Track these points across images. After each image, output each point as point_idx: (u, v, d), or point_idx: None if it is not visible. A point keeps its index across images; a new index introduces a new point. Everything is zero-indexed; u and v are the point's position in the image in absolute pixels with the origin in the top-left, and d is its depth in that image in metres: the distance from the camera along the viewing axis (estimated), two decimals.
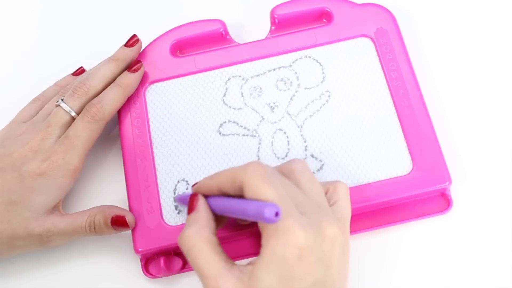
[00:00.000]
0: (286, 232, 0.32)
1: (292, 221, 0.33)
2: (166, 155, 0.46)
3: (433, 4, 0.52)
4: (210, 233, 0.35)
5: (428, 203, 0.44)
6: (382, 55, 0.47)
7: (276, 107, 0.47)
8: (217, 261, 0.34)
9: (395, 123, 0.45)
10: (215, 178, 0.37)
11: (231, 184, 0.35)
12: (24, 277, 0.46)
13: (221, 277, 0.34)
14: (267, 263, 0.33)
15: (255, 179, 0.34)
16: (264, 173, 0.34)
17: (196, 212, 0.37)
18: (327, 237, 0.34)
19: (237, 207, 0.34)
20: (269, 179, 0.34)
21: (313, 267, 0.33)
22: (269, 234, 0.33)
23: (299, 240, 0.32)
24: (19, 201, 0.42)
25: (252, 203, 0.33)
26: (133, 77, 0.46)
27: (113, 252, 0.46)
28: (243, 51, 0.48)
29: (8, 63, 0.54)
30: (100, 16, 0.55)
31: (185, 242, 0.35)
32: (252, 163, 0.35)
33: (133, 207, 0.44)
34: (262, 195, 0.33)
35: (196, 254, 0.34)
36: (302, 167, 0.37)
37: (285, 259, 0.32)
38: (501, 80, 0.49)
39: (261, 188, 0.33)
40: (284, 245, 0.32)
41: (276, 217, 0.31)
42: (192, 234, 0.35)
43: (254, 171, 0.34)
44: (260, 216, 0.32)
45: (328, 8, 0.49)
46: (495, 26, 0.51)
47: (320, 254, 0.33)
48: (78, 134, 0.43)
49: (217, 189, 0.37)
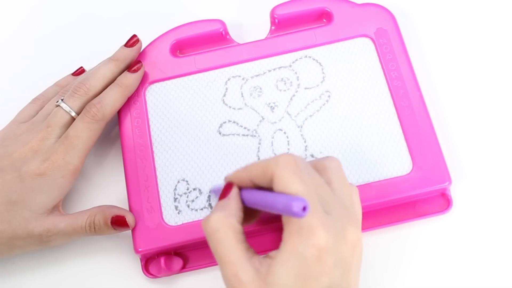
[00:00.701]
0: (309, 231, 0.32)
1: (317, 220, 0.32)
2: (166, 155, 0.46)
3: (433, 4, 0.52)
4: (236, 222, 0.35)
5: (428, 203, 0.44)
6: (382, 55, 0.47)
7: (276, 107, 0.47)
8: (238, 249, 0.34)
9: (395, 123, 0.45)
10: (247, 169, 0.36)
11: (262, 176, 0.35)
12: (24, 277, 0.46)
13: (240, 265, 0.33)
14: (286, 259, 0.33)
15: (286, 172, 0.33)
16: (295, 167, 0.34)
17: (227, 199, 0.36)
18: (348, 240, 0.34)
19: (265, 199, 0.34)
20: (299, 173, 0.33)
21: (331, 269, 0.33)
22: (292, 230, 0.33)
23: (320, 241, 0.32)
24: (19, 201, 0.42)
25: (280, 196, 0.33)
26: (133, 77, 0.46)
27: (113, 252, 0.46)
28: (243, 51, 0.48)
29: (8, 63, 0.54)
30: (100, 16, 0.55)
31: (210, 225, 0.34)
32: (284, 155, 0.34)
33: (133, 207, 0.44)
34: (291, 188, 0.33)
35: (218, 238, 0.34)
36: (336, 166, 0.37)
37: (305, 258, 0.32)
38: (501, 80, 0.49)
39: (291, 181, 0.33)
40: (306, 244, 0.32)
41: (303, 211, 0.31)
42: (218, 219, 0.35)
43: (285, 164, 0.34)
44: (287, 209, 0.31)
45: (328, 8, 0.49)
46: (495, 26, 0.51)
47: (339, 257, 0.33)
48: (78, 134, 0.43)
49: (249, 180, 0.36)
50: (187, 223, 0.43)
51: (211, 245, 0.35)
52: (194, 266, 0.44)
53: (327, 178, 0.36)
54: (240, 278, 0.33)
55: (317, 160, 0.37)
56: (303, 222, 0.32)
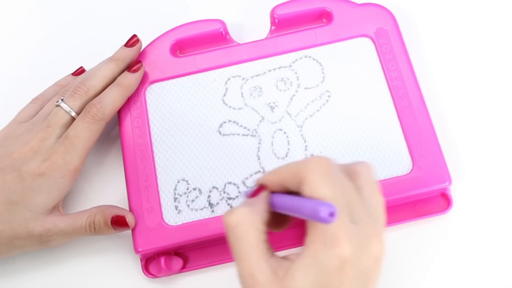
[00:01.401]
0: (334, 241, 0.31)
1: (342, 230, 0.32)
2: (166, 155, 0.46)
3: (433, 4, 0.52)
4: (260, 221, 0.34)
5: (428, 203, 0.44)
6: (382, 55, 0.47)
7: (276, 107, 0.47)
8: (258, 248, 0.33)
9: (395, 123, 0.45)
10: (277, 172, 0.35)
11: (291, 179, 0.34)
12: (24, 277, 0.46)
13: (258, 265, 0.32)
14: (306, 266, 0.32)
15: (315, 176, 0.33)
16: (326, 171, 0.33)
17: (256, 198, 0.35)
18: (372, 253, 0.33)
19: (292, 203, 0.33)
20: (329, 178, 0.33)
21: (351, 280, 0.32)
22: (316, 237, 0.32)
23: (344, 252, 0.31)
24: (19, 201, 0.42)
25: (308, 200, 0.32)
26: (133, 77, 0.46)
27: (113, 252, 0.46)
28: (243, 51, 0.48)
29: (8, 63, 0.54)
30: (100, 16, 0.55)
31: (233, 219, 0.33)
32: (316, 158, 0.33)
33: (133, 207, 0.44)
34: (319, 193, 0.32)
35: (238, 234, 0.33)
36: (368, 172, 0.35)
37: (326, 267, 0.31)
38: (501, 80, 0.49)
39: (320, 186, 0.32)
40: (328, 253, 0.31)
41: (330, 217, 0.30)
42: (242, 214, 0.33)
43: (315, 167, 0.33)
44: (314, 214, 0.31)
45: (328, 8, 0.49)
46: (495, 26, 0.51)
47: (361, 269, 0.32)
48: (78, 134, 0.43)
49: (278, 183, 0.35)
50: (187, 223, 0.43)
51: (230, 239, 0.34)
52: (194, 266, 0.44)
53: (357, 184, 0.34)
54: (256, 278, 0.32)
55: (349, 164, 0.36)
56: (328, 230, 0.32)
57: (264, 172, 0.44)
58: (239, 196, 0.44)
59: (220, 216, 0.43)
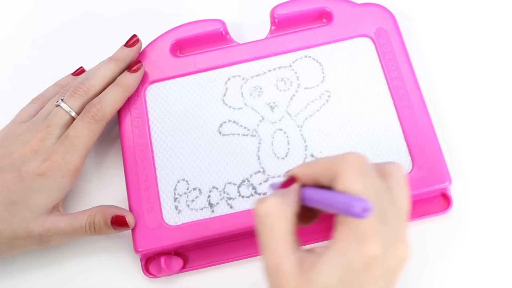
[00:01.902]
0: (363, 238, 0.31)
1: (372, 228, 0.32)
2: (166, 155, 0.46)
3: (433, 4, 0.52)
4: (291, 212, 0.34)
5: (428, 203, 0.44)
6: (382, 55, 0.47)
7: (276, 107, 0.47)
8: (286, 239, 0.33)
9: (395, 123, 0.45)
10: (310, 165, 0.35)
11: (325, 173, 0.34)
12: (24, 277, 0.46)
13: (284, 256, 0.32)
14: (333, 260, 0.32)
15: (350, 172, 0.33)
16: (361, 167, 0.33)
17: (287, 190, 0.35)
18: (398, 255, 0.33)
19: (325, 197, 0.33)
20: (363, 175, 0.33)
21: (376, 279, 0.32)
22: (344, 233, 0.32)
23: (372, 251, 0.31)
24: (19, 201, 0.42)
25: (341, 195, 0.32)
26: (133, 77, 0.46)
27: (113, 252, 0.46)
28: (243, 51, 0.48)
29: (8, 63, 0.54)
30: (100, 16, 0.55)
31: (263, 208, 0.33)
32: (351, 154, 0.34)
33: (133, 207, 0.44)
34: (353, 189, 0.32)
35: (269, 223, 0.33)
36: (399, 174, 0.35)
37: (352, 263, 0.32)
38: (501, 79, 0.49)
39: (354, 182, 0.32)
40: (356, 250, 0.32)
41: (364, 213, 0.30)
42: (274, 203, 0.33)
43: (350, 163, 0.33)
44: (347, 209, 0.31)
45: (328, 8, 0.49)
46: (495, 26, 0.51)
47: (387, 269, 0.33)
48: (78, 134, 0.43)
49: (311, 177, 0.35)
50: (187, 223, 0.43)
51: (259, 228, 0.34)
52: (194, 266, 0.44)
53: (388, 184, 0.35)
54: (281, 269, 0.32)
55: (381, 163, 0.36)
56: (358, 226, 0.32)
57: (264, 172, 0.44)
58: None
59: (220, 216, 0.43)
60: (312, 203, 0.35)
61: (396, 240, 0.33)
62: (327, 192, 0.33)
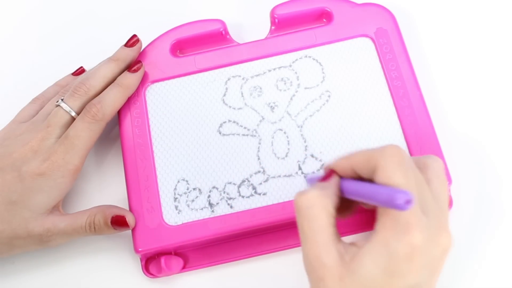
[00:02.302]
0: (406, 228, 0.32)
1: (415, 218, 0.32)
2: (166, 155, 0.46)
3: (433, 4, 0.52)
4: (331, 205, 0.34)
5: None
6: (382, 55, 0.47)
7: (276, 107, 0.47)
8: (327, 231, 0.33)
9: (395, 123, 0.45)
10: (349, 158, 0.36)
11: (365, 165, 0.34)
12: (24, 277, 0.46)
13: (326, 248, 0.33)
14: (376, 251, 0.32)
15: (390, 164, 0.33)
16: (401, 160, 0.33)
17: (327, 183, 0.36)
18: (441, 244, 0.33)
19: (367, 189, 0.33)
20: (404, 167, 0.33)
21: (419, 269, 0.32)
22: (387, 224, 0.32)
23: (415, 240, 0.32)
24: (19, 201, 0.42)
25: (383, 187, 0.32)
26: (133, 77, 0.46)
27: (113, 252, 0.46)
28: (243, 51, 0.48)
29: (8, 63, 0.54)
30: (100, 16, 0.55)
31: (304, 200, 0.34)
32: (391, 146, 0.34)
33: (133, 207, 0.44)
34: (394, 181, 0.32)
35: (309, 215, 0.33)
36: (438, 167, 0.36)
37: (396, 253, 0.32)
38: (501, 79, 0.49)
39: (395, 174, 0.32)
40: (399, 240, 0.32)
41: (406, 205, 0.31)
42: (315, 196, 0.34)
43: (391, 156, 0.33)
44: (390, 201, 0.31)
45: (328, 8, 0.49)
46: (495, 25, 0.51)
47: (429, 259, 0.33)
48: (78, 134, 0.43)
49: (350, 169, 0.35)
50: (187, 223, 0.43)
51: (300, 221, 0.34)
52: (194, 266, 0.44)
53: (427, 176, 0.35)
54: (322, 261, 0.32)
55: (419, 157, 0.37)
56: (401, 217, 0.32)
57: (264, 172, 0.44)
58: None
59: (220, 216, 0.43)
60: (352, 195, 0.35)
61: (439, 230, 0.33)
62: (368, 185, 0.34)
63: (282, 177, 0.44)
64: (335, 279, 0.32)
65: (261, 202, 0.43)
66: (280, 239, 0.44)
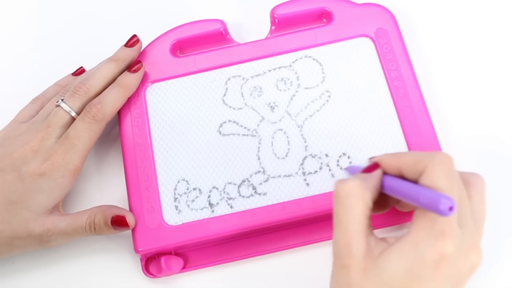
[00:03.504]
0: (440, 234, 0.32)
1: (450, 228, 0.32)
2: (166, 155, 0.46)
3: (433, 4, 0.52)
4: (370, 197, 0.34)
5: None
6: (382, 55, 0.47)
7: (276, 107, 0.47)
8: (361, 222, 0.33)
9: (395, 123, 0.45)
10: (397, 156, 0.36)
11: (412, 166, 0.35)
12: (24, 277, 0.46)
13: (357, 238, 0.33)
14: (405, 250, 0.32)
15: (439, 170, 0.33)
16: (450, 169, 0.34)
17: (369, 175, 0.36)
18: (469, 260, 0.34)
19: (411, 189, 0.34)
20: (451, 176, 0.33)
21: (443, 279, 0.32)
22: (421, 226, 0.33)
23: (445, 249, 0.32)
24: (19, 201, 0.42)
25: (428, 190, 0.33)
26: (134, 77, 0.46)
27: (113, 252, 0.46)
28: (243, 51, 0.48)
29: (8, 63, 0.54)
30: (100, 16, 0.55)
31: (345, 188, 0.34)
32: (442, 154, 0.34)
33: (133, 207, 0.44)
34: (440, 186, 0.32)
35: (347, 204, 0.34)
36: (480, 185, 0.36)
37: (424, 257, 0.32)
38: (501, 79, 0.49)
39: (441, 180, 0.33)
40: (430, 244, 0.32)
41: (449, 211, 0.31)
42: (356, 186, 0.34)
43: (441, 162, 0.34)
44: (433, 204, 0.31)
45: (328, 8, 0.49)
46: (495, 25, 0.51)
47: (455, 272, 0.33)
48: (78, 134, 0.43)
49: (396, 167, 0.36)
50: (187, 223, 0.43)
51: (336, 207, 0.34)
52: (194, 266, 0.44)
53: (469, 193, 0.35)
54: (351, 250, 0.33)
55: (464, 172, 0.37)
56: (437, 223, 0.32)
57: (264, 172, 0.44)
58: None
59: (220, 216, 0.43)
60: (394, 192, 0.35)
61: (471, 246, 0.34)
62: (413, 185, 0.34)
63: (282, 177, 0.44)
64: (359, 270, 0.33)
65: (261, 202, 0.44)
66: (280, 239, 0.44)
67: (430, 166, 0.33)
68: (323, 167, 0.44)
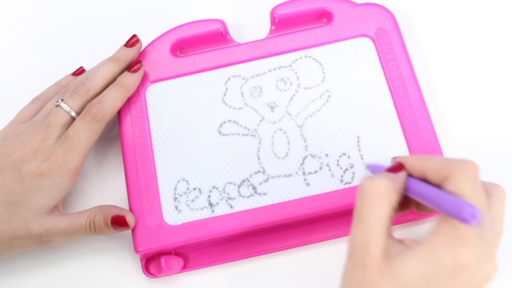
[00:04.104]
0: (459, 242, 0.32)
1: (470, 237, 0.32)
2: (166, 155, 0.46)
3: (433, 4, 0.52)
4: (395, 198, 0.34)
5: None
6: (382, 55, 0.47)
7: (276, 107, 0.47)
8: (383, 222, 0.33)
9: (395, 123, 0.45)
10: (423, 159, 0.36)
11: (437, 171, 0.34)
12: (24, 277, 0.46)
13: (376, 237, 0.33)
14: (422, 255, 0.32)
15: (464, 177, 0.33)
16: (475, 177, 0.33)
17: (396, 175, 0.36)
18: (485, 271, 0.33)
19: (436, 194, 0.33)
20: (475, 185, 0.33)
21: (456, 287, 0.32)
22: (441, 232, 0.33)
23: (463, 257, 0.32)
24: (19, 201, 0.42)
25: (452, 196, 0.32)
26: (133, 77, 0.46)
27: (113, 252, 0.46)
28: (243, 51, 0.48)
29: (8, 63, 0.54)
30: (100, 16, 0.55)
31: (372, 186, 0.34)
32: (469, 161, 0.34)
33: (133, 207, 0.44)
34: (464, 193, 0.32)
35: (372, 202, 0.34)
36: (502, 197, 0.36)
37: (440, 263, 0.32)
38: (501, 79, 0.49)
39: (466, 188, 0.33)
40: (448, 251, 0.32)
41: (472, 219, 0.31)
42: (384, 186, 0.34)
43: (467, 170, 0.34)
44: (456, 211, 0.31)
45: (328, 8, 0.49)
46: (495, 25, 0.51)
47: (470, 282, 0.33)
48: (78, 134, 0.43)
49: (420, 170, 0.36)
50: (187, 223, 0.43)
51: (360, 203, 0.34)
52: (194, 266, 0.44)
53: (489, 203, 0.35)
54: (369, 248, 0.33)
55: (485, 182, 0.36)
56: (458, 231, 0.32)
57: (264, 172, 0.44)
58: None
59: (220, 216, 0.43)
60: (418, 195, 0.35)
61: (487, 258, 0.33)
62: (437, 190, 0.34)
63: (282, 177, 0.44)
64: (375, 269, 0.32)
65: (261, 202, 0.44)
66: (280, 239, 0.44)
67: (456, 172, 0.33)
68: (323, 167, 0.44)
